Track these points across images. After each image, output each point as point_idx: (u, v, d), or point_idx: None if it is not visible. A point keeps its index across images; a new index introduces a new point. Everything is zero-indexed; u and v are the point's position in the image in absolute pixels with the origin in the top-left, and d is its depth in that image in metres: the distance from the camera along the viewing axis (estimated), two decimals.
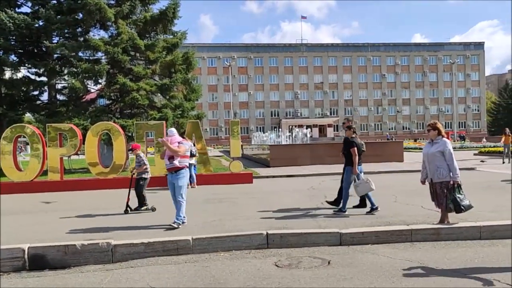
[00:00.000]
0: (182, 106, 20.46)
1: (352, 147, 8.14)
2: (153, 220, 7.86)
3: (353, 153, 8.09)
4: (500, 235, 6.27)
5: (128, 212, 8.76)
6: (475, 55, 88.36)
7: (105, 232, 6.82)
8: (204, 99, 74.75)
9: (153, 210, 9.02)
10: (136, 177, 9.37)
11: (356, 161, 8.09)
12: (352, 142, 8.22)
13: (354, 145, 8.15)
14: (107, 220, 7.96)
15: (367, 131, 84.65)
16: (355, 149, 8.11)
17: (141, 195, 9.20)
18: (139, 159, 9.41)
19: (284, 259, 5.57)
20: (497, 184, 12.04)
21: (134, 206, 9.08)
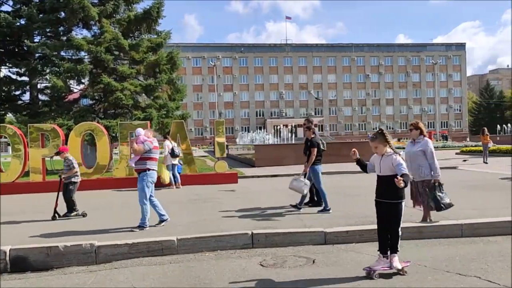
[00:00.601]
0: (166, 106, 20.35)
1: (313, 147, 8.43)
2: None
3: (312, 153, 8.41)
4: (481, 232, 6.39)
5: (56, 219, 8.20)
6: (457, 55, 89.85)
7: (90, 233, 6.75)
8: (189, 99, 74.50)
9: (84, 216, 8.47)
10: (65, 181, 8.69)
11: (312, 159, 8.43)
12: (314, 142, 8.53)
13: (315, 145, 8.46)
14: (90, 221, 7.88)
15: (352, 131, 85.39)
16: (315, 149, 8.43)
17: (71, 200, 8.62)
18: (68, 162, 8.78)
19: (269, 258, 5.59)
20: (479, 182, 12.25)
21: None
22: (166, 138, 13.75)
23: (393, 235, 4.88)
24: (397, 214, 4.86)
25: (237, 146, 31.42)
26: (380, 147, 4.99)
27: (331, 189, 11.66)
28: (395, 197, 4.84)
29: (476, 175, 14.31)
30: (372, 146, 5.07)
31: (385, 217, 4.92)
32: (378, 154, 5.04)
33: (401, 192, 4.84)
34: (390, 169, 4.83)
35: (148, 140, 7.40)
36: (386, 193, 4.90)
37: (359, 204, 8.98)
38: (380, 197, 4.99)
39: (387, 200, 4.88)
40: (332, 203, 9.11)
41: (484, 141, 19.92)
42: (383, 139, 4.98)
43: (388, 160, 4.89)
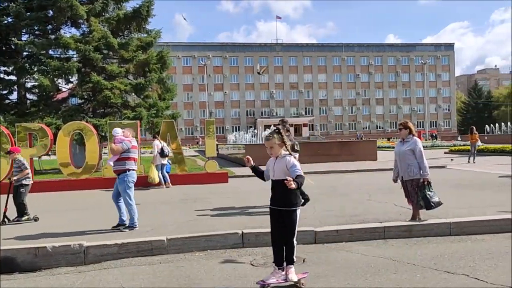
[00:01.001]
0: (156, 106, 20.24)
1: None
2: None
3: None
4: (469, 231, 6.44)
5: (6, 223, 7.83)
6: (446, 56, 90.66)
7: (78, 234, 6.69)
8: (179, 98, 74.15)
9: (36, 220, 8.06)
10: (15, 183, 8.21)
11: None
12: None
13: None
14: (78, 222, 7.81)
15: (342, 131, 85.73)
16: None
17: (22, 204, 8.18)
18: (19, 163, 8.33)
19: (260, 258, 5.58)
20: (467, 181, 12.37)
21: None
22: (155, 138, 13.69)
23: (288, 246, 4.52)
24: (292, 223, 4.47)
25: (227, 146, 31.37)
26: (276, 147, 4.52)
27: (321, 188, 11.73)
28: (289, 204, 4.45)
29: (464, 174, 14.45)
30: (267, 147, 4.58)
31: (279, 226, 4.52)
32: (273, 155, 4.58)
33: (296, 199, 4.49)
34: (284, 172, 4.41)
35: (126, 139, 7.30)
36: (280, 200, 4.49)
37: (349, 203, 9.03)
38: (273, 204, 4.57)
39: (280, 208, 4.48)
40: (322, 203, 9.16)
41: (472, 140, 20.01)
42: (280, 139, 4.52)
43: (282, 163, 4.48)
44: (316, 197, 10.01)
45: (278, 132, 4.55)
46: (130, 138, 7.40)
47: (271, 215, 4.61)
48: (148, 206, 9.56)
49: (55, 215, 8.74)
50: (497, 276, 4.49)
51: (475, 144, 19.78)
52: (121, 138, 7.27)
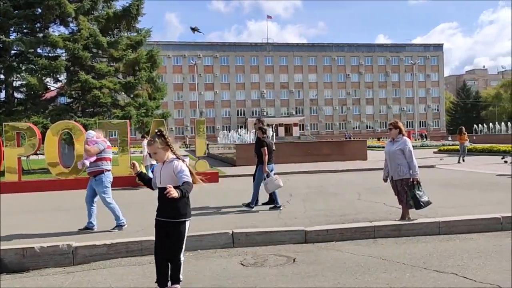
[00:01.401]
0: (146, 105, 20.15)
1: (262, 147, 8.58)
2: None
3: (264, 153, 8.55)
4: (457, 230, 6.50)
5: None
6: (435, 56, 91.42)
7: (66, 234, 6.62)
8: (170, 98, 73.92)
9: None
10: None
11: (266, 160, 8.58)
12: (263, 142, 8.68)
13: (265, 145, 8.60)
14: (67, 222, 7.73)
15: (332, 130, 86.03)
16: (265, 148, 8.57)
17: None
18: None
19: (250, 257, 5.58)
20: (456, 181, 12.48)
21: None
22: (145, 137, 13.60)
23: (174, 264, 4.07)
24: (179, 237, 4.00)
25: (218, 145, 31.31)
26: (160, 152, 4.08)
27: (311, 188, 11.77)
28: (176, 214, 3.98)
29: (453, 174, 14.58)
30: (151, 153, 4.20)
31: (164, 240, 4.03)
32: (159, 161, 4.15)
33: (185, 209, 4.03)
34: (171, 179, 3.96)
35: (101, 140, 7.22)
36: (166, 210, 4.01)
37: (339, 202, 9.06)
38: (159, 215, 4.08)
39: (166, 219, 4.01)
40: (312, 202, 9.19)
41: (461, 140, 20.09)
42: (163, 142, 4.07)
43: (169, 168, 4.02)
44: (306, 197, 10.06)
45: (161, 135, 4.08)
46: (103, 138, 7.32)
47: (156, 227, 4.11)
48: (137, 206, 9.51)
49: (43, 215, 8.64)
50: (486, 275, 4.54)
51: (464, 144, 19.84)
52: (94, 140, 7.17)
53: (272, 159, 8.90)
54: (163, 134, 4.08)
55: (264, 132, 8.94)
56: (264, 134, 8.89)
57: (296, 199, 9.77)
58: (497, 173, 13.92)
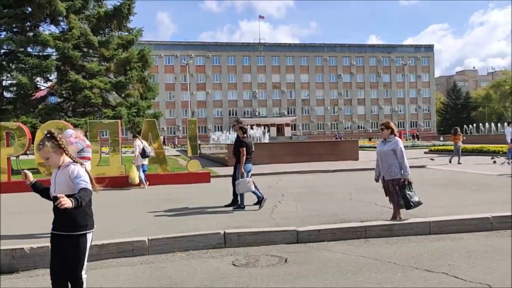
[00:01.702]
0: (138, 105, 20.05)
1: (241, 147, 8.61)
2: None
3: (242, 153, 8.58)
4: (448, 230, 6.54)
5: None
6: (426, 57, 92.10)
7: None
8: (161, 97, 73.59)
9: None
10: None
11: (244, 160, 8.59)
12: (242, 142, 8.70)
13: (244, 145, 8.64)
14: None
15: (324, 130, 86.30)
16: (244, 149, 8.60)
17: None
18: None
19: (242, 258, 5.57)
20: (446, 181, 12.57)
21: None
22: (136, 137, 13.53)
23: (74, 284, 3.49)
24: (78, 252, 3.45)
25: (209, 145, 31.25)
26: (53, 157, 3.50)
27: (303, 188, 11.79)
28: (74, 227, 3.44)
29: (443, 174, 14.69)
30: (43, 159, 3.61)
31: (61, 256, 3.46)
32: (53, 166, 3.59)
33: (85, 220, 3.49)
34: (67, 186, 3.45)
35: (80, 139, 7.17)
36: (62, 222, 3.47)
37: (331, 202, 9.08)
38: (54, 228, 3.53)
39: (63, 232, 3.46)
40: (304, 202, 9.20)
41: (455, 140, 19.74)
42: (54, 145, 3.47)
43: (64, 173, 3.48)
44: (298, 197, 10.07)
45: (51, 137, 3.47)
46: (82, 138, 7.29)
47: (51, 241, 3.55)
48: (129, 206, 9.46)
49: (33, 216, 8.55)
50: (476, 274, 4.57)
51: (458, 144, 19.44)
52: (73, 139, 7.11)
53: (251, 160, 8.91)
54: (53, 136, 3.47)
55: (245, 131, 8.98)
56: (245, 134, 8.93)
57: (288, 199, 9.77)
58: (497, 173, 14.01)
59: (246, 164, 8.71)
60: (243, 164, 8.64)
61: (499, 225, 6.67)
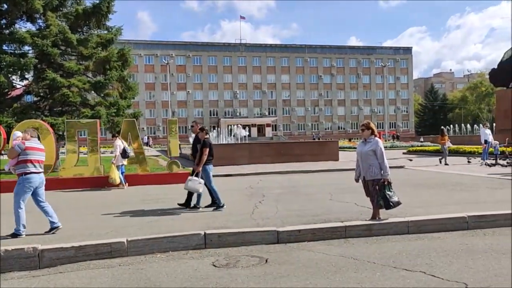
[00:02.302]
0: (117, 104, 19.77)
1: (205, 147, 8.64)
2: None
3: (204, 152, 8.60)
4: (426, 229, 6.64)
5: None
6: (404, 59, 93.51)
7: (32, 236, 6.42)
8: (141, 97, 72.94)
9: None
10: None
11: (204, 159, 8.61)
12: (207, 143, 8.73)
13: (207, 145, 8.68)
14: (33, 224, 7.49)
15: (305, 131, 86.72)
16: (207, 149, 8.65)
17: None
18: None
19: (222, 258, 5.54)
20: (424, 181, 12.77)
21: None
22: (116, 137, 13.35)
23: None
24: None
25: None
26: None
27: (284, 188, 11.81)
28: None
29: (421, 174, 14.92)
30: None
31: None
32: None
33: None
34: None
35: (20, 141, 6.84)
36: None
37: (312, 203, 9.12)
38: None
39: None
40: (285, 203, 9.22)
41: (442, 141, 19.78)
42: None
43: None
44: (278, 197, 10.09)
45: None
46: (30, 139, 6.93)
47: None
48: (108, 207, 9.31)
49: (8, 217, 8.33)
50: (453, 273, 4.65)
51: (445, 145, 19.41)
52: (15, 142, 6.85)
53: (212, 161, 8.89)
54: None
55: (207, 133, 9.08)
56: (207, 135, 8.98)
57: (269, 199, 9.78)
58: (485, 174, 14.29)
59: (209, 165, 8.74)
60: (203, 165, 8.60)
61: (475, 224, 6.80)
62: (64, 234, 6.55)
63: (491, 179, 12.41)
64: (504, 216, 6.98)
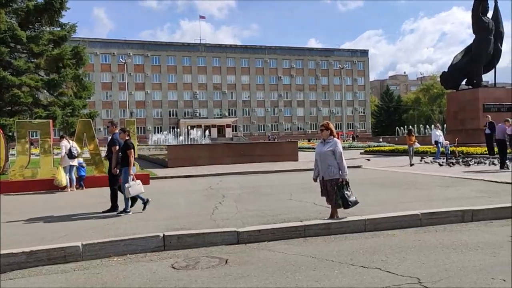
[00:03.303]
0: (72, 104, 19.12)
1: (129, 148, 8.36)
2: None
3: (130, 154, 8.35)
4: (382, 227, 6.83)
5: None
6: (361, 61, 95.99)
7: None
8: (97, 97, 71.11)
9: None
10: None
11: (132, 162, 8.38)
12: (130, 144, 8.47)
13: (131, 147, 8.43)
14: None
15: (264, 132, 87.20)
16: (132, 150, 8.39)
17: None
18: None
19: (181, 260, 5.47)
20: (380, 180, 13.14)
21: None
22: (63, 137, 12.89)
23: None
24: None
25: (149, 146, 30.55)
26: None
27: (244, 189, 11.82)
28: None
29: (377, 174, 15.35)
30: None
31: None
32: None
33: None
34: None
35: None
36: None
37: (272, 203, 9.17)
38: None
39: None
40: (245, 203, 9.23)
41: (409, 142, 19.65)
42: None
43: None
44: (239, 198, 10.08)
45: None
46: None
47: None
48: (63, 210, 8.98)
49: None
50: (406, 268, 4.80)
51: (412, 146, 19.67)
52: None
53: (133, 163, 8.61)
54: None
55: (129, 134, 8.72)
56: (128, 136, 8.63)
57: (229, 200, 9.76)
58: (449, 174, 14.81)
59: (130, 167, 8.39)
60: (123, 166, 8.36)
61: (427, 221, 7.06)
62: (15, 239, 6.26)
63: (442, 178, 12.93)
64: (454, 213, 7.29)
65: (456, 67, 29.54)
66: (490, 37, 27.62)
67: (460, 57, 29.72)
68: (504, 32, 29.18)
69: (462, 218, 7.24)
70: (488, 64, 28.77)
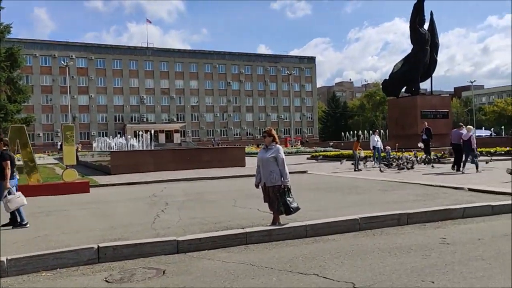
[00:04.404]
0: (5, 109, 18.10)
1: (4, 160, 7.76)
2: None
3: (6, 166, 7.71)
4: (322, 232, 6.91)
5: None
6: (309, 68, 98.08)
7: None
8: (36, 100, 67.99)
9: None
10: None
11: (9, 174, 7.75)
12: (6, 155, 7.87)
13: (8, 158, 7.84)
14: None
15: (213, 137, 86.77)
16: (8, 162, 7.76)
17: None
18: None
19: (116, 273, 5.25)
20: (323, 185, 13.38)
21: None
22: None
23: None
24: None
25: (92, 153, 29.44)
26: None
27: (188, 196, 11.63)
28: None
29: (321, 179, 15.64)
30: None
31: None
32: None
33: None
34: None
35: None
36: None
37: (215, 210, 9.09)
38: None
39: None
40: (188, 210, 9.07)
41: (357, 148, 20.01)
42: None
43: None
44: (182, 205, 9.90)
45: None
46: None
47: None
48: None
49: None
50: (343, 273, 4.87)
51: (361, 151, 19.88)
52: None
53: (15, 174, 8.14)
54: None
55: (6, 144, 8.12)
56: (5, 146, 8.02)
57: (172, 207, 9.55)
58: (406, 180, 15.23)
59: (11, 179, 7.82)
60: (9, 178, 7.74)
61: (366, 225, 7.23)
62: None
63: (382, 182, 13.37)
64: (390, 217, 7.52)
65: (396, 76, 30.77)
66: (426, 47, 29.03)
67: (400, 66, 30.99)
68: (439, 43, 30.84)
69: (398, 222, 7.48)
70: (424, 73, 30.22)
